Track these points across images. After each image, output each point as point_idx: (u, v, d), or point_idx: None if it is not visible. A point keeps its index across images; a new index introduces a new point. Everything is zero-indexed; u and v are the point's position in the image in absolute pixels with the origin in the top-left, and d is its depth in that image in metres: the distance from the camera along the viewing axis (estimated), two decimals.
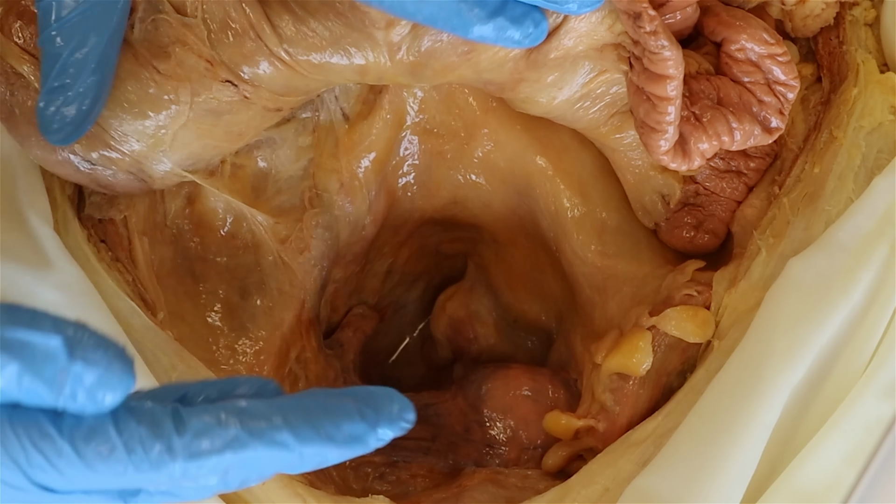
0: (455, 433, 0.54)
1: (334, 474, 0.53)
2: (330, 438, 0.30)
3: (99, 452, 0.28)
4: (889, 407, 0.38)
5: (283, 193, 0.52)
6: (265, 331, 0.50)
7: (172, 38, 0.41)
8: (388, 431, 0.31)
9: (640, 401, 0.47)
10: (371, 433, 0.30)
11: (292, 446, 0.30)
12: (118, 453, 0.28)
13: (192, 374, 0.43)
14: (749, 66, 0.44)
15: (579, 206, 0.54)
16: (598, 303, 0.54)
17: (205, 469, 0.29)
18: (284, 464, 0.30)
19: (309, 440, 0.30)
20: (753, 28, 0.44)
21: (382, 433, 0.31)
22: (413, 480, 0.55)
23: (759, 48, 0.44)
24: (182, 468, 0.28)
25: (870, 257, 0.40)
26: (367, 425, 0.30)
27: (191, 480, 0.29)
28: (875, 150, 0.44)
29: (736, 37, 0.44)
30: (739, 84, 0.45)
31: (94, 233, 0.45)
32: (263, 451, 0.29)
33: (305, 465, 0.30)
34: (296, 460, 0.30)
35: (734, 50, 0.44)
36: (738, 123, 0.45)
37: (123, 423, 0.28)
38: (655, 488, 0.39)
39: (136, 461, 0.28)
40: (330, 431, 0.30)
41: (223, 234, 0.50)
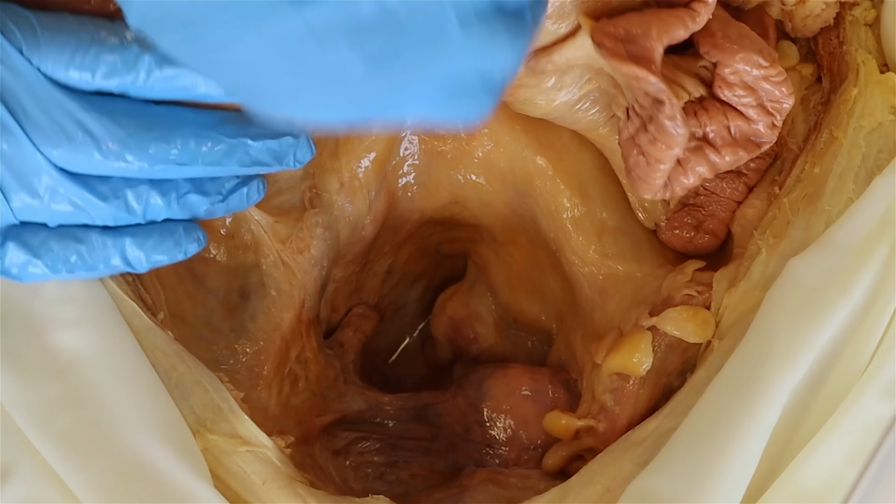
0: (455, 433, 0.54)
1: (334, 474, 0.53)
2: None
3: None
4: (889, 407, 0.38)
5: (283, 193, 0.52)
6: (265, 331, 0.50)
7: None
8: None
9: (640, 401, 0.47)
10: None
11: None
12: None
13: (192, 374, 0.43)
14: (743, 88, 0.44)
15: (579, 207, 0.54)
16: (598, 303, 0.54)
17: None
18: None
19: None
20: (747, 51, 0.43)
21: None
22: (413, 480, 0.55)
23: (754, 71, 0.44)
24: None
25: (870, 257, 0.40)
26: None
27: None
28: (875, 150, 0.44)
29: (730, 61, 0.44)
30: (731, 108, 0.45)
31: None
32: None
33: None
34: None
35: (728, 73, 0.44)
36: (719, 158, 0.45)
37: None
38: (655, 488, 0.39)
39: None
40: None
41: (222, 233, 0.50)
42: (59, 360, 0.39)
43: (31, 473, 0.37)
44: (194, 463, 0.40)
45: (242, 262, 0.50)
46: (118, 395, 0.40)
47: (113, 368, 0.40)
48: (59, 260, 0.39)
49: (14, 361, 0.39)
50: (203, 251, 0.50)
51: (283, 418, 0.51)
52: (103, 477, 0.38)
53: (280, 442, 0.44)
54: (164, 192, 0.41)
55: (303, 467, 0.46)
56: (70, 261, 0.39)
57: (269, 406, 0.50)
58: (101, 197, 0.39)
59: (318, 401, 0.55)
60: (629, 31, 0.42)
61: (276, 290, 0.51)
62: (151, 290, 0.47)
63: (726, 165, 0.46)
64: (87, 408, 0.39)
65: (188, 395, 0.42)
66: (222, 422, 0.42)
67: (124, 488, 0.38)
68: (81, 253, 0.40)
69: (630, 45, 0.42)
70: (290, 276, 0.51)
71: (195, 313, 0.49)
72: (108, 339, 0.41)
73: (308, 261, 0.52)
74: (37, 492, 0.37)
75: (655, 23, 0.42)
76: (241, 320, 0.50)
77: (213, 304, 0.50)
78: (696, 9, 0.42)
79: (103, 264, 0.41)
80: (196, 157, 0.40)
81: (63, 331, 0.40)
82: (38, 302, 0.40)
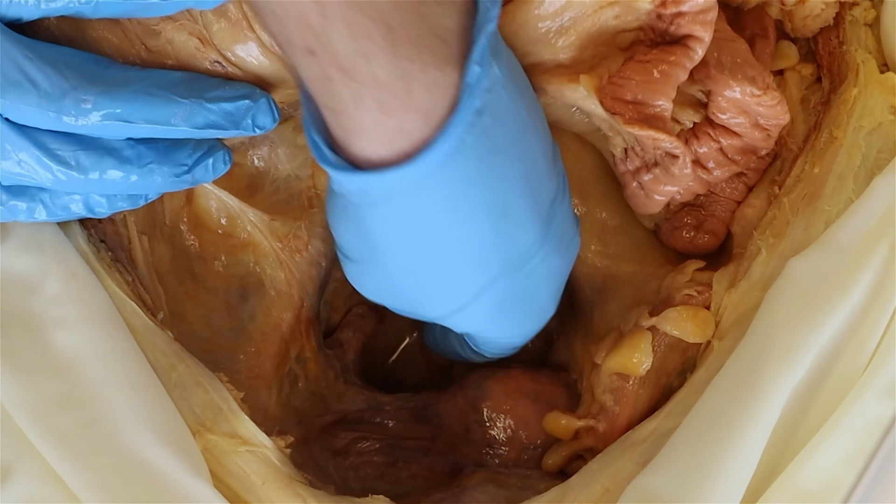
0: (455, 433, 0.54)
1: (334, 474, 0.53)
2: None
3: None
4: (889, 407, 0.38)
5: (282, 192, 0.52)
6: (265, 331, 0.50)
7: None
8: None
9: (640, 401, 0.47)
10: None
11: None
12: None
13: (192, 374, 0.43)
14: (737, 113, 0.45)
15: (579, 207, 0.54)
16: (597, 303, 0.54)
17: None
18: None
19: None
20: (740, 81, 0.43)
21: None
22: (413, 481, 0.55)
23: (748, 99, 0.44)
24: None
25: (870, 257, 0.40)
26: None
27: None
28: (875, 150, 0.44)
29: (723, 90, 0.44)
30: (724, 128, 0.45)
31: (94, 232, 0.45)
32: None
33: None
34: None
35: (721, 101, 0.44)
36: (710, 176, 0.46)
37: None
38: (655, 488, 0.39)
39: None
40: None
41: (220, 233, 0.50)
42: (58, 360, 0.39)
43: (31, 473, 0.37)
44: (194, 463, 0.40)
45: (241, 262, 0.50)
46: (118, 395, 0.39)
47: (112, 368, 0.40)
48: (15, 211, 0.40)
49: (14, 361, 0.39)
50: (202, 251, 0.50)
51: (283, 418, 0.51)
52: (103, 477, 0.38)
53: (280, 442, 0.44)
54: (122, 161, 0.40)
55: (303, 467, 0.46)
56: (25, 210, 0.41)
57: (269, 406, 0.50)
58: (51, 156, 0.39)
59: (318, 401, 0.55)
60: (636, 95, 0.42)
61: (275, 290, 0.51)
62: (151, 290, 0.47)
63: (719, 181, 0.46)
64: (87, 407, 0.39)
65: (188, 395, 0.42)
66: (222, 422, 0.42)
67: (124, 488, 0.38)
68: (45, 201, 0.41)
69: (641, 106, 0.42)
70: (289, 275, 0.51)
71: (195, 313, 0.49)
72: (107, 339, 0.41)
73: (306, 260, 0.52)
74: (37, 492, 0.37)
75: (660, 79, 0.42)
76: (240, 320, 0.50)
77: (213, 304, 0.50)
78: (691, 46, 0.42)
79: (63, 212, 0.41)
80: (142, 114, 0.39)
81: (63, 330, 0.40)
82: (37, 301, 0.40)
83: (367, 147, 0.34)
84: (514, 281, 0.41)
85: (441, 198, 0.36)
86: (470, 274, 0.40)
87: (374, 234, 0.38)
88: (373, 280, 0.43)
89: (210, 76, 0.42)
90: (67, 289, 0.41)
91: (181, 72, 0.41)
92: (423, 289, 0.41)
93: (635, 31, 0.44)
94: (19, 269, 0.41)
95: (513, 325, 0.45)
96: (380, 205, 0.36)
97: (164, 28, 0.41)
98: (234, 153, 0.49)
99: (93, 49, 0.42)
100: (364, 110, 0.33)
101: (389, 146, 0.34)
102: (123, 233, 0.47)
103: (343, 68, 0.32)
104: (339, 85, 0.32)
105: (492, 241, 0.39)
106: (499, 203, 0.38)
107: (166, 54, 0.42)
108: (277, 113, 0.42)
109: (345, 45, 0.31)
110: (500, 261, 0.40)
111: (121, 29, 0.41)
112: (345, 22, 0.31)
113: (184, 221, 0.49)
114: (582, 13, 0.42)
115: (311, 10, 0.31)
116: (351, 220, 0.39)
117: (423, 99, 0.33)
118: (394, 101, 0.33)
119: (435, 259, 0.39)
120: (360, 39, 0.31)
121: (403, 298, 0.43)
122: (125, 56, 0.42)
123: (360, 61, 0.32)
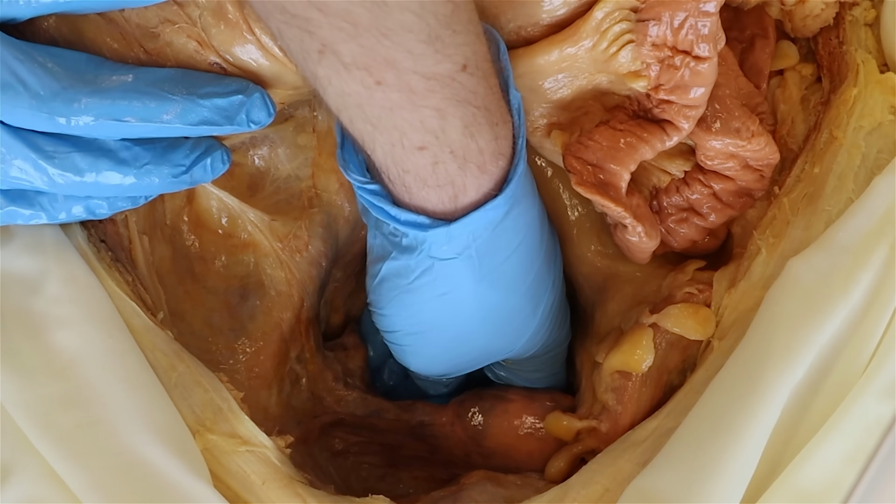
0: (454, 454, 0.54)
1: (334, 474, 0.53)
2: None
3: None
4: (889, 407, 0.38)
5: (282, 192, 0.52)
6: (265, 331, 0.50)
7: (161, 17, 0.41)
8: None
9: (643, 399, 0.47)
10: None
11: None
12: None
13: (192, 374, 0.43)
14: (724, 158, 0.45)
15: (579, 207, 0.54)
16: (598, 303, 0.54)
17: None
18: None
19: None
20: (722, 136, 0.44)
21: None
22: (413, 482, 0.55)
23: (733, 149, 0.44)
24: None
25: (870, 257, 0.40)
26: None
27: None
28: (875, 150, 0.44)
29: (706, 144, 0.44)
30: (715, 173, 0.46)
31: (94, 232, 0.45)
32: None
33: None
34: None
35: (707, 150, 0.45)
36: (705, 222, 0.47)
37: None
38: (655, 488, 0.39)
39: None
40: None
41: (221, 233, 0.50)
42: (58, 360, 0.39)
43: (31, 473, 0.37)
44: (194, 463, 0.40)
45: (241, 262, 0.50)
46: (117, 395, 0.39)
47: (112, 368, 0.40)
48: (14, 216, 0.41)
49: (14, 361, 0.39)
50: (202, 251, 0.50)
51: (283, 418, 0.50)
52: (103, 477, 0.38)
53: (280, 442, 0.44)
54: (118, 162, 0.40)
55: (303, 467, 0.46)
56: (25, 215, 0.41)
57: (269, 406, 0.50)
58: (46, 158, 0.39)
59: (318, 401, 0.55)
60: (598, 159, 0.44)
61: (275, 290, 0.51)
62: (151, 290, 0.47)
63: (715, 224, 0.47)
64: (87, 408, 0.39)
65: (188, 395, 0.42)
66: (222, 422, 0.42)
67: (124, 488, 0.38)
68: (44, 205, 0.41)
69: (598, 170, 0.44)
70: (289, 275, 0.51)
71: (195, 313, 0.49)
72: (107, 339, 0.41)
73: (306, 260, 0.52)
74: (37, 492, 0.37)
75: (625, 150, 0.43)
76: (240, 320, 0.50)
77: (213, 303, 0.50)
78: (667, 131, 0.43)
79: (63, 214, 0.42)
80: (134, 113, 0.39)
81: (63, 330, 0.40)
82: (37, 302, 0.40)
83: (465, 202, 0.40)
84: (559, 283, 0.49)
85: (514, 216, 0.42)
86: (541, 287, 0.47)
87: (462, 280, 0.43)
88: (435, 345, 0.47)
89: (202, 72, 0.42)
90: (67, 289, 0.41)
91: (173, 69, 0.41)
92: (502, 324, 0.46)
93: (622, 98, 0.44)
94: (19, 269, 0.41)
95: (561, 331, 0.52)
96: (472, 245, 0.41)
97: (162, 30, 0.41)
98: (234, 153, 0.49)
99: (91, 52, 0.42)
100: (469, 176, 0.39)
101: (483, 191, 0.40)
102: (124, 233, 0.47)
103: (454, 151, 0.38)
104: (448, 164, 0.38)
105: (543, 248, 0.46)
106: (540, 212, 0.46)
107: (165, 56, 0.41)
108: (273, 107, 0.42)
109: (458, 133, 0.37)
110: (554, 269, 0.48)
111: (119, 31, 0.41)
112: (460, 118, 0.36)
113: (184, 221, 0.49)
114: (579, 74, 0.43)
115: (431, 116, 0.36)
116: (437, 280, 0.43)
117: (505, 146, 0.40)
118: (490, 159, 0.39)
119: (513, 282, 0.45)
120: (469, 126, 0.37)
121: (480, 346, 0.47)
122: (124, 58, 0.42)
123: (468, 141, 0.38)
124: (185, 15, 0.41)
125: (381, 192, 0.41)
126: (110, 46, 0.41)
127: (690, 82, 0.41)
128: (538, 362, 0.53)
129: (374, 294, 0.46)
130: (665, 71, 0.41)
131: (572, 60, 0.43)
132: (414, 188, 0.39)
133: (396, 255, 0.43)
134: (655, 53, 0.41)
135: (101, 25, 0.41)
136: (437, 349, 0.47)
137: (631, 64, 0.42)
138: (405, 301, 0.44)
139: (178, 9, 0.41)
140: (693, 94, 0.42)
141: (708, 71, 0.41)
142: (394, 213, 0.40)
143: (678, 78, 0.41)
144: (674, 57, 0.41)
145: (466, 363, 0.49)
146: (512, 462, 0.52)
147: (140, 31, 0.41)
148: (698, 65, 0.41)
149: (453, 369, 0.50)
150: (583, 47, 0.42)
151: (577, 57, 0.42)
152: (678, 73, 0.41)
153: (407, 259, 0.42)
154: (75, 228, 0.45)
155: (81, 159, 0.40)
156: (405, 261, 0.42)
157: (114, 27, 0.41)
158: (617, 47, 0.42)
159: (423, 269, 0.42)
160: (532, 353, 0.51)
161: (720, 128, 0.44)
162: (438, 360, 0.48)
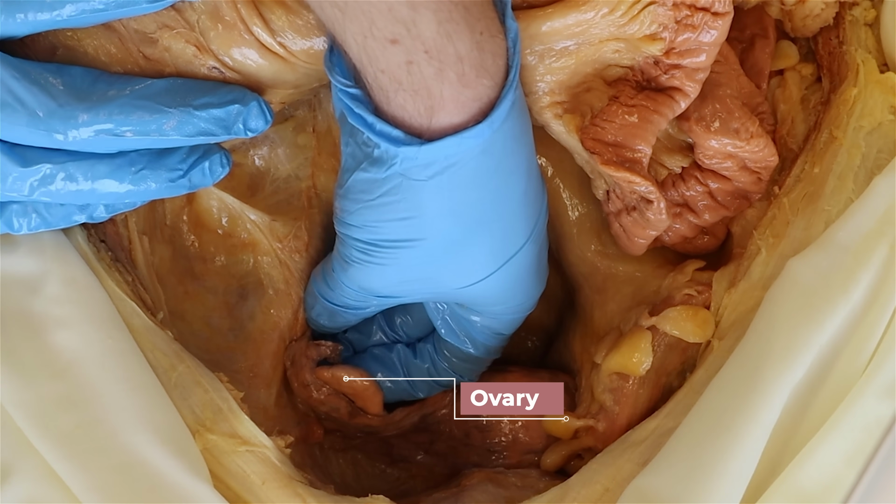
0: (454, 437, 0.54)
1: (334, 474, 0.53)
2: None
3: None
4: (889, 407, 0.38)
5: (282, 192, 0.52)
6: (264, 330, 0.50)
7: (159, 23, 0.41)
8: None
9: (640, 401, 0.47)
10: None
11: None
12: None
13: (192, 374, 0.43)
14: (723, 157, 0.45)
15: (579, 207, 0.54)
16: (598, 303, 0.54)
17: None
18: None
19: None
20: (721, 135, 0.44)
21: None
22: (413, 481, 0.55)
23: (731, 149, 0.44)
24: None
25: (870, 257, 0.40)
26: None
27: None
28: (875, 150, 0.44)
29: (704, 143, 0.44)
30: (712, 172, 0.46)
31: (94, 233, 0.45)
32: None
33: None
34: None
35: (705, 149, 0.45)
36: (699, 220, 0.47)
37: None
38: (655, 488, 0.39)
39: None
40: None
41: (220, 233, 0.50)
42: (58, 360, 0.39)
43: (30, 473, 0.37)
44: (193, 463, 0.40)
45: (241, 262, 0.50)
46: (117, 395, 0.39)
47: (112, 368, 0.40)
48: (13, 226, 0.41)
49: (14, 361, 0.39)
50: (202, 251, 0.50)
51: (283, 418, 0.50)
52: (103, 477, 0.38)
53: (280, 442, 0.44)
54: (114, 169, 0.40)
55: (303, 467, 0.46)
56: (24, 225, 0.41)
57: (269, 406, 0.50)
58: (42, 174, 0.39)
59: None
60: (616, 138, 0.43)
61: (273, 289, 0.51)
62: (151, 289, 0.47)
63: (708, 223, 0.47)
64: (87, 408, 0.39)
65: (188, 395, 0.42)
66: (222, 422, 0.42)
67: (123, 488, 0.38)
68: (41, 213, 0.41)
69: (620, 149, 0.43)
70: (288, 275, 0.51)
71: (195, 313, 0.49)
72: (107, 339, 0.41)
73: (306, 260, 0.52)
74: (37, 492, 0.37)
75: (641, 124, 0.43)
76: (240, 320, 0.50)
77: (213, 303, 0.50)
78: (675, 98, 0.43)
79: (62, 221, 0.42)
80: (131, 128, 0.39)
81: (62, 331, 0.40)
82: (37, 302, 0.40)
83: (443, 119, 0.38)
84: (535, 244, 0.46)
85: (496, 155, 0.40)
86: (510, 237, 0.44)
87: (427, 209, 0.41)
88: (396, 268, 0.44)
89: (198, 81, 0.42)
90: (67, 289, 0.41)
91: (167, 80, 0.41)
92: (457, 260, 0.43)
93: (625, 70, 0.44)
94: (19, 269, 0.41)
95: (526, 292, 0.48)
96: (444, 173, 0.39)
97: (161, 36, 0.41)
98: (234, 153, 0.49)
99: (91, 59, 0.42)
100: (446, 85, 0.37)
101: (465, 113, 0.38)
102: (124, 233, 0.47)
103: (428, 50, 0.35)
104: (423, 66, 0.36)
105: (525, 201, 0.43)
106: (528, 162, 0.43)
107: (164, 62, 0.42)
108: (270, 114, 0.42)
109: (431, 29, 0.35)
110: (530, 224, 0.44)
111: (118, 37, 0.41)
112: (432, 10, 0.35)
113: (184, 221, 0.49)
114: (588, 41, 0.43)
115: (400, 2, 0.34)
116: (401, 202, 0.41)
117: (491, 64, 0.38)
118: (471, 72, 0.37)
119: (479, 224, 0.42)
120: (444, 23, 0.35)
121: (429, 277, 0.44)
122: (123, 65, 0.42)
123: (444, 41, 0.35)
124: (183, 20, 0.41)
125: (362, 98, 0.39)
126: (110, 53, 0.41)
127: (702, 43, 0.41)
128: (497, 321, 0.50)
129: (338, 201, 0.44)
130: (681, 31, 0.41)
131: (587, 25, 0.42)
132: (391, 91, 0.37)
133: (366, 166, 0.41)
134: (674, 13, 0.41)
135: (99, 32, 0.41)
136: (391, 270, 0.45)
137: (648, 27, 0.42)
138: (366, 217, 0.43)
139: (175, 14, 0.41)
140: (702, 57, 0.42)
141: (723, 28, 0.41)
142: (370, 120, 0.39)
143: (692, 40, 0.41)
144: (693, 15, 0.41)
145: (415, 290, 0.47)
146: (509, 438, 0.52)
147: (138, 37, 0.41)
148: (716, 21, 0.41)
149: (400, 293, 0.47)
150: (601, 12, 0.41)
151: (592, 22, 0.42)
152: (695, 34, 0.41)
153: (375, 172, 0.40)
154: (75, 229, 0.44)
155: (76, 168, 0.40)
156: (374, 174, 0.41)
157: (112, 33, 0.41)
158: (639, 8, 0.41)
159: (389, 187, 0.41)
160: (490, 310, 0.49)
161: (719, 127, 0.44)
162: (386, 279, 0.45)
